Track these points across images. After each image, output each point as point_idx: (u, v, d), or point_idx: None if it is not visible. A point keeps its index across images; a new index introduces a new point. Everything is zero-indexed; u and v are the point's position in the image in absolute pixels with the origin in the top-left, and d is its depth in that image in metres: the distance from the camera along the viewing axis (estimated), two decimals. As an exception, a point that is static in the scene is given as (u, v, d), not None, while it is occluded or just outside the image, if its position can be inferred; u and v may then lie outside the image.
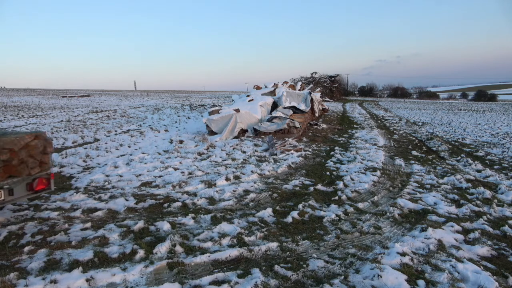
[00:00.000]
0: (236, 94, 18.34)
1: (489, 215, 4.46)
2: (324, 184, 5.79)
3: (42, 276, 2.74)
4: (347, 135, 12.23)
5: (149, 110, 18.65)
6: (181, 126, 12.99)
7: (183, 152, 8.23)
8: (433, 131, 14.01)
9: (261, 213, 4.27)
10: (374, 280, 2.76)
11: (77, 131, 10.89)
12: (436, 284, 2.78)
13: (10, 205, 4.36)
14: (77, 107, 18.91)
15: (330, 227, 4.00)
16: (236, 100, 13.95)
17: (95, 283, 2.70)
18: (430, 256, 3.27)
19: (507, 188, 5.62)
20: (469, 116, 23.35)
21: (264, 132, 10.64)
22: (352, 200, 4.99)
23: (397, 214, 4.40)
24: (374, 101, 48.34)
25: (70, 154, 7.46)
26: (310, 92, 15.61)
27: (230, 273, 2.85)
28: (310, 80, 46.38)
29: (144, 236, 3.58)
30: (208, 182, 5.70)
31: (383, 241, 3.64)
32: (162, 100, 29.13)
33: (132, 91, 58.08)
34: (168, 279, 2.78)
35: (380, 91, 79.24)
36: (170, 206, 4.57)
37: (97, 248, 3.26)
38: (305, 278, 2.85)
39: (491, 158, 8.40)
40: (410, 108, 31.56)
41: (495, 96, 68.37)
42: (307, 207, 4.50)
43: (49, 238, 3.47)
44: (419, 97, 75.18)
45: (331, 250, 3.42)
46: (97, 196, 4.97)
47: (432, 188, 5.62)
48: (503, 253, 3.44)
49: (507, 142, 11.02)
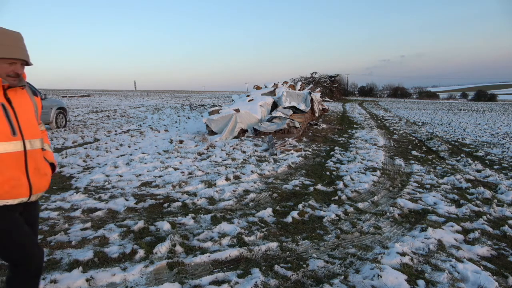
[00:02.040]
0: (236, 94, 18.34)
1: (489, 215, 4.46)
2: (324, 184, 5.79)
3: (42, 276, 2.73)
4: (347, 135, 12.23)
5: (149, 110, 18.65)
6: (181, 126, 12.99)
7: (183, 152, 8.23)
8: (433, 131, 14.01)
9: (261, 213, 4.27)
10: (374, 280, 2.76)
11: (77, 131, 10.89)
12: (436, 284, 2.78)
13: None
14: (77, 107, 18.91)
15: (330, 227, 4.00)
16: (236, 100, 13.95)
17: (95, 283, 2.70)
18: (430, 256, 3.27)
19: (507, 188, 5.62)
20: (469, 116, 23.36)
21: (264, 132, 10.64)
22: (352, 200, 5.00)
23: (397, 214, 4.40)
24: (374, 101, 48.35)
25: (70, 154, 7.46)
26: (310, 92, 15.61)
27: (230, 273, 2.85)
28: (310, 80, 46.39)
29: (144, 236, 3.58)
30: (208, 182, 5.70)
31: (383, 241, 3.64)
32: (162, 100, 29.14)
33: (132, 91, 58.09)
34: (168, 279, 2.78)
35: (380, 91, 79.30)
36: (170, 206, 4.57)
37: (97, 248, 3.26)
38: (305, 278, 2.86)
39: (491, 158, 8.40)
40: (410, 108, 31.57)
41: (495, 96, 68.45)
42: (307, 207, 4.51)
43: (49, 238, 3.47)
44: (419, 97, 75.25)
45: (331, 250, 3.42)
46: (97, 196, 4.97)
47: (432, 188, 5.62)
48: (503, 253, 3.44)
49: (507, 142, 11.02)
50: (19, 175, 1.77)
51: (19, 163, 1.77)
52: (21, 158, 1.78)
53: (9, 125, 1.74)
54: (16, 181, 1.76)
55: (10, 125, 1.74)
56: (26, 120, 1.84)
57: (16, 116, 1.78)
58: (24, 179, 1.79)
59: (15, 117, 1.78)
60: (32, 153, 1.83)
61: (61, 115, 11.21)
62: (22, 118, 1.81)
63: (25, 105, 1.88)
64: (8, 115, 1.75)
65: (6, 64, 1.74)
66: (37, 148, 1.88)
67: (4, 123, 1.73)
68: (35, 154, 1.86)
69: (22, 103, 1.86)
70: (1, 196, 1.73)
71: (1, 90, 1.77)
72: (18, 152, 1.77)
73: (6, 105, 1.76)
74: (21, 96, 1.88)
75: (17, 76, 1.79)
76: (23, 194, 1.80)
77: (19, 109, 1.81)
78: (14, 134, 1.75)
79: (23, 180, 1.79)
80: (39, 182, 1.87)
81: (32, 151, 1.84)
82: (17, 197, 1.78)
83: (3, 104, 1.75)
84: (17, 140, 1.76)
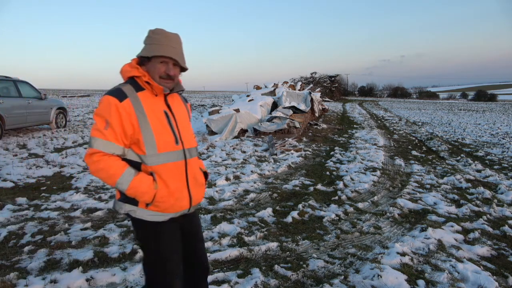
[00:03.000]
0: (236, 94, 18.34)
1: (489, 215, 4.46)
2: (324, 184, 5.79)
3: (42, 276, 2.74)
4: (347, 135, 12.24)
5: (149, 110, 18.67)
6: (181, 126, 13.00)
7: (183, 152, 8.23)
8: (433, 131, 14.01)
9: (261, 213, 4.27)
10: (374, 280, 2.76)
11: (77, 131, 10.89)
12: (436, 284, 2.78)
13: (10, 205, 4.36)
14: (77, 107, 18.90)
15: (330, 227, 4.00)
16: (236, 100, 13.95)
17: (95, 283, 2.70)
18: (430, 256, 3.27)
19: (507, 188, 5.62)
20: (469, 116, 23.36)
21: (264, 132, 10.63)
22: (352, 200, 5.00)
23: (397, 214, 4.40)
24: (374, 101, 48.34)
25: (70, 154, 7.46)
26: (310, 92, 15.61)
27: (230, 273, 2.85)
28: (310, 80, 46.37)
29: (144, 236, 3.58)
30: (208, 182, 5.70)
31: (383, 241, 3.64)
32: (162, 100, 29.16)
33: (132, 91, 57.98)
34: (168, 279, 2.78)
35: (380, 91, 79.28)
36: (170, 206, 4.57)
37: (97, 248, 3.26)
38: (305, 278, 2.86)
39: (491, 158, 8.40)
40: (410, 108, 31.57)
41: (495, 96, 68.42)
42: (307, 207, 4.50)
43: (49, 238, 3.46)
44: (419, 97, 75.22)
45: (331, 250, 3.42)
46: (97, 196, 4.97)
47: (432, 188, 5.62)
48: (503, 253, 3.44)
49: (507, 142, 11.02)
50: (182, 186, 1.67)
51: (181, 173, 1.67)
52: (182, 168, 1.67)
53: (173, 133, 1.65)
54: (179, 193, 1.66)
55: (173, 133, 1.65)
56: (184, 127, 1.73)
57: (176, 123, 1.69)
58: (185, 191, 1.68)
59: (176, 125, 1.68)
60: (191, 162, 1.72)
61: (61, 115, 11.20)
62: (181, 126, 1.71)
63: (182, 112, 1.78)
64: (171, 123, 1.66)
65: (159, 64, 1.62)
66: (194, 157, 1.77)
67: (168, 131, 1.64)
68: (193, 163, 1.74)
69: (179, 110, 1.76)
70: (166, 209, 1.63)
71: (162, 97, 1.69)
72: (180, 162, 1.66)
73: (168, 113, 1.67)
74: (178, 103, 1.78)
75: (169, 78, 1.65)
76: (184, 206, 1.69)
77: (178, 116, 1.72)
78: (177, 143, 1.66)
79: (185, 192, 1.68)
80: (197, 193, 1.75)
81: (191, 160, 1.72)
82: (179, 210, 1.68)
83: (165, 112, 1.66)
84: (179, 149, 1.66)
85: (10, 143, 8.29)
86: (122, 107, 1.55)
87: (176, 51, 1.64)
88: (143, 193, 1.56)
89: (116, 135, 1.55)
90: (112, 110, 1.54)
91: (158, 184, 1.59)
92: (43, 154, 7.44)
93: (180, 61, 1.66)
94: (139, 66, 1.65)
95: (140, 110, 1.58)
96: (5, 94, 8.75)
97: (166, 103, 1.69)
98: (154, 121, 1.61)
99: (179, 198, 1.66)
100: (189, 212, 1.76)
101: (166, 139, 1.63)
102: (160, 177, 1.60)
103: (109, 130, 1.54)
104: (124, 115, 1.55)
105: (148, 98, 1.63)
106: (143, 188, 1.56)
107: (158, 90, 1.64)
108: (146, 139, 1.58)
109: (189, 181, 1.70)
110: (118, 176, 1.54)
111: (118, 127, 1.55)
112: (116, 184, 1.56)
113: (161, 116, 1.64)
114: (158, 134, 1.60)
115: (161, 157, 1.61)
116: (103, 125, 1.55)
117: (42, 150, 7.86)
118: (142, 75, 1.63)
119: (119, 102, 1.55)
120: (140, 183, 1.55)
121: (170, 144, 1.63)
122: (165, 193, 1.61)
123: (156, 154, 1.60)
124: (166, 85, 1.66)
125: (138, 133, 1.58)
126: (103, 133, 1.54)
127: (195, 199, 1.73)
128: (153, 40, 1.62)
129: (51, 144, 8.55)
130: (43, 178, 5.82)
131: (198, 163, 1.82)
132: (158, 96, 1.67)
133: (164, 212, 1.64)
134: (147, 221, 1.63)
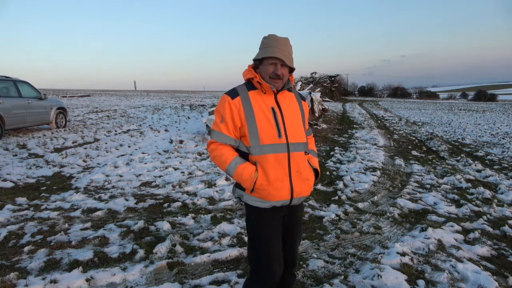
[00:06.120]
0: (236, 94, 18.28)
1: (489, 215, 4.47)
2: (324, 184, 5.79)
3: (42, 276, 2.74)
4: (347, 135, 12.24)
5: (149, 110, 18.64)
6: (181, 126, 12.98)
7: (183, 152, 8.23)
8: (433, 131, 14.02)
9: (261, 213, 4.27)
10: (374, 280, 2.76)
11: (77, 131, 10.89)
12: (436, 284, 2.78)
13: (10, 205, 4.37)
14: (77, 107, 18.90)
15: (330, 227, 4.00)
16: (236, 100, 13.92)
17: (95, 283, 2.70)
18: (430, 256, 3.27)
19: (507, 188, 5.62)
20: (469, 116, 23.36)
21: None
22: (352, 200, 5.00)
23: (397, 214, 4.40)
24: (374, 101, 48.36)
25: (70, 154, 7.46)
26: (310, 92, 15.60)
27: (230, 273, 2.85)
28: (310, 80, 46.35)
29: (144, 236, 3.58)
30: (208, 182, 5.70)
31: (383, 241, 3.64)
32: (162, 100, 29.12)
33: (132, 91, 58.08)
34: (168, 279, 2.78)
35: (380, 91, 79.27)
36: (170, 206, 4.57)
37: (97, 248, 3.26)
38: (305, 278, 2.86)
39: (491, 158, 8.40)
40: (410, 108, 31.58)
41: (495, 96, 68.46)
42: (307, 207, 4.50)
43: (49, 238, 3.46)
44: (419, 97, 75.24)
45: (331, 250, 3.42)
46: (97, 196, 4.97)
47: (432, 188, 5.63)
48: (503, 253, 3.44)
49: (507, 142, 11.02)
50: (282, 177, 1.79)
51: (283, 165, 1.79)
52: (285, 160, 1.80)
53: (276, 128, 1.79)
54: (279, 183, 1.78)
55: (277, 128, 1.79)
56: (292, 123, 1.86)
57: (283, 119, 1.82)
58: (287, 182, 1.80)
59: (282, 120, 1.82)
60: (294, 156, 1.83)
61: (61, 115, 11.20)
62: (288, 122, 1.84)
63: (292, 109, 1.91)
64: (277, 118, 1.81)
65: (268, 65, 1.80)
66: (300, 152, 1.87)
67: (273, 126, 1.79)
68: (297, 157, 1.85)
69: (290, 107, 1.90)
70: (266, 197, 1.78)
71: (272, 94, 1.85)
72: (282, 154, 1.79)
73: (276, 109, 1.82)
74: (289, 100, 1.92)
75: (277, 78, 1.81)
76: (283, 197, 1.80)
77: (286, 113, 1.85)
78: (280, 136, 1.79)
79: (286, 182, 1.80)
80: (300, 186, 1.85)
81: (295, 154, 1.83)
82: (279, 199, 1.80)
83: (273, 108, 1.82)
84: (282, 142, 1.79)
85: (10, 143, 8.29)
86: (233, 104, 1.80)
87: (283, 52, 1.79)
88: (245, 180, 1.78)
89: (228, 127, 1.82)
90: (226, 107, 1.81)
91: (259, 173, 1.77)
92: (43, 154, 7.44)
93: (286, 61, 1.80)
94: (253, 69, 1.89)
95: (248, 106, 1.80)
96: (5, 94, 8.75)
97: (276, 100, 1.85)
98: (260, 116, 1.79)
99: (278, 188, 1.79)
100: (291, 204, 1.86)
101: (269, 132, 1.78)
102: (261, 166, 1.78)
103: (223, 123, 1.82)
104: (234, 111, 1.80)
105: (258, 96, 1.84)
106: (245, 175, 1.77)
107: (266, 88, 1.82)
108: (251, 132, 1.79)
109: (292, 174, 1.82)
110: (227, 163, 1.81)
111: (229, 121, 1.81)
112: (226, 170, 1.82)
113: (268, 112, 1.81)
114: (262, 127, 1.78)
115: (264, 149, 1.78)
116: (219, 119, 1.84)
117: (42, 150, 7.86)
118: (254, 77, 1.84)
119: (231, 100, 1.81)
120: (243, 171, 1.77)
121: (272, 137, 1.78)
122: (265, 182, 1.77)
123: (259, 145, 1.78)
124: (275, 84, 1.82)
125: (245, 126, 1.80)
126: (218, 126, 1.84)
127: (297, 191, 1.84)
128: (263, 45, 1.83)
129: (51, 144, 8.55)
130: (43, 178, 5.83)
131: (305, 158, 1.92)
132: (267, 94, 1.85)
133: (264, 199, 1.80)
134: (252, 206, 1.84)
